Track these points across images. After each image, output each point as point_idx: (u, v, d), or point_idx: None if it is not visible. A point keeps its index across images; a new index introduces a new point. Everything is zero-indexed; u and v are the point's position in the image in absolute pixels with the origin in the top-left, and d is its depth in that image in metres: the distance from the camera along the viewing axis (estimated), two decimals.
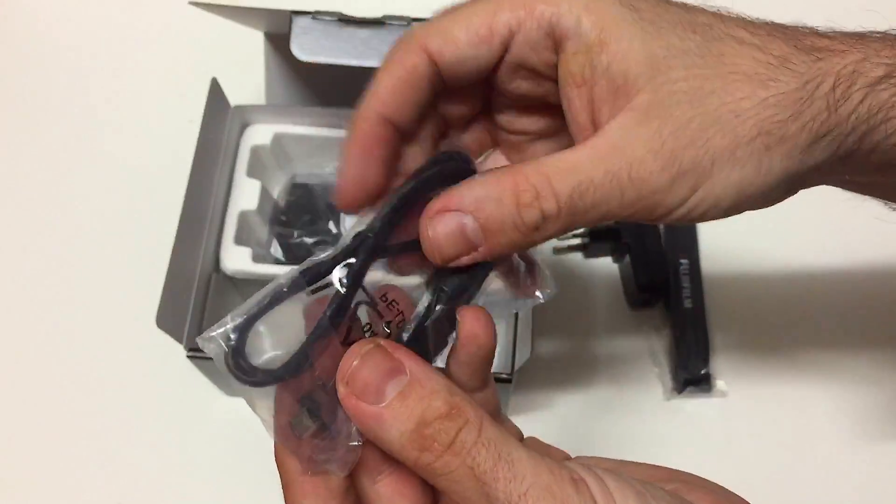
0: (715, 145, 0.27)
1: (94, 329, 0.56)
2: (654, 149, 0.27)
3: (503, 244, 0.27)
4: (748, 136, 0.27)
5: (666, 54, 0.27)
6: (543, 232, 0.27)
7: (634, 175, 0.27)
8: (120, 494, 0.51)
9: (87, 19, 0.68)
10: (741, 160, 0.27)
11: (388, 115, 0.28)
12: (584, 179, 0.26)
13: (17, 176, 0.61)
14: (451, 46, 0.28)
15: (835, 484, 0.51)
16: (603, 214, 0.27)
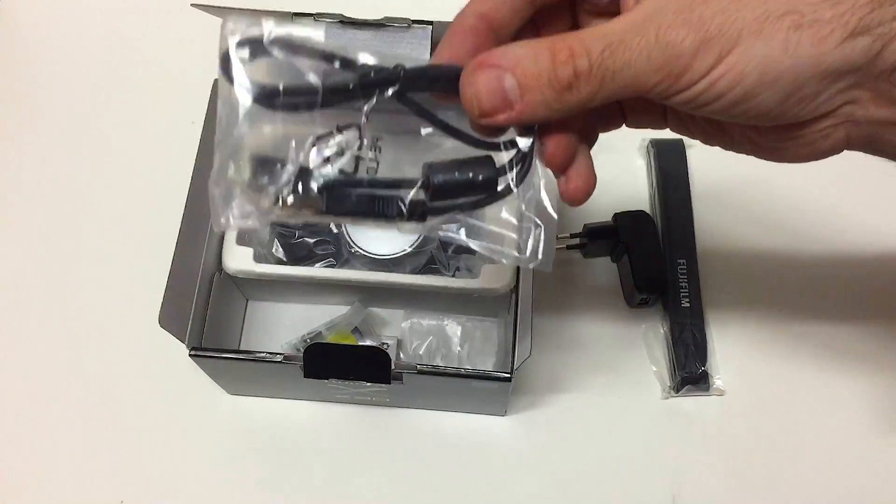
0: (743, 17, 0.27)
1: (96, 329, 0.56)
2: (684, 15, 0.27)
3: (538, 102, 0.28)
4: (778, 11, 0.27)
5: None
6: (577, 93, 0.28)
7: (661, 37, 0.27)
8: (123, 493, 0.52)
9: (88, 21, 0.68)
10: (768, 34, 0.27)
11: (485, 12, 0.31)
12: (615, 40, 0.28)
13: (19, 177, 0.62)
14: None
15: (834, 480, 0.51)
16: (632, 78, 0.28)
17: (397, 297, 0.54)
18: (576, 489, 0.51)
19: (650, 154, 0.60)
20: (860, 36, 0.27)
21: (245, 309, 0.56)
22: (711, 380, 0.53)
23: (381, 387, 0.46)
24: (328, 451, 0.52)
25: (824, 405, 0.53)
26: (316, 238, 0.54)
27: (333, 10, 0.46)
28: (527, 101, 0.29)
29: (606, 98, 0.29)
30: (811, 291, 0.56)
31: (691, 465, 0.52)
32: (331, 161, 0.30)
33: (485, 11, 0.31)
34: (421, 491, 0.51)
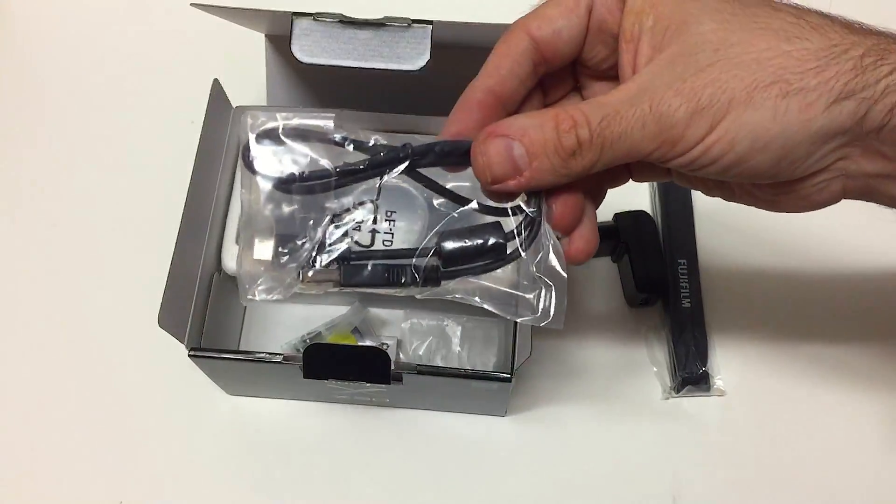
0: (733, 87, 0.28)
1: (96, 329, 0.56)
2: (676, 87, 0.29)
3: (545, 168, 0.31)
4: (766, 81, 0.28)
5: (699, 12, 0.30)
6: (580, 159, 0.30)
7: (655, 108, 0.29)
8: (122, 493, 0.51)
9: (88, 20, 0.68)
10: (757, 103, 0.28)
11: (491, 87, 0.33)
12: (612, 111, 0.30)
13: (18, 176, 0.62)
14: (546, 22, 0.33)
15: (834, 481, 0.51)
16: (630, 146, 0.30)
17: (397, 298, 0.54)
18: (576, 489, 0.51)
19: None
20: (845, 100, 0.28)
21: (244, 309, 0.56)
22: (712, 380, 0.53)
23: (381, 387, 0.46)
24: (328, 451, 0.52)
25: (825, 406, 0.53)
26: None
27: (333, 10, 0.46)
28: (535, 168, 0.31)
29: (608, 163, 0.31)
30: (812, 292, 0.56)
31: (691, 466, 0.52)
32: (347, 236, 0.33)
33: (491, 86, 0.33)
34: (421, 491, 0.51)
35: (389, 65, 0.45)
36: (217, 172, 0.51)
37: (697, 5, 0.30)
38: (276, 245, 0.32)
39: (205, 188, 0.49)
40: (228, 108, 0.52)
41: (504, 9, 0.66)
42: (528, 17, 0.33)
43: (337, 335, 0.53)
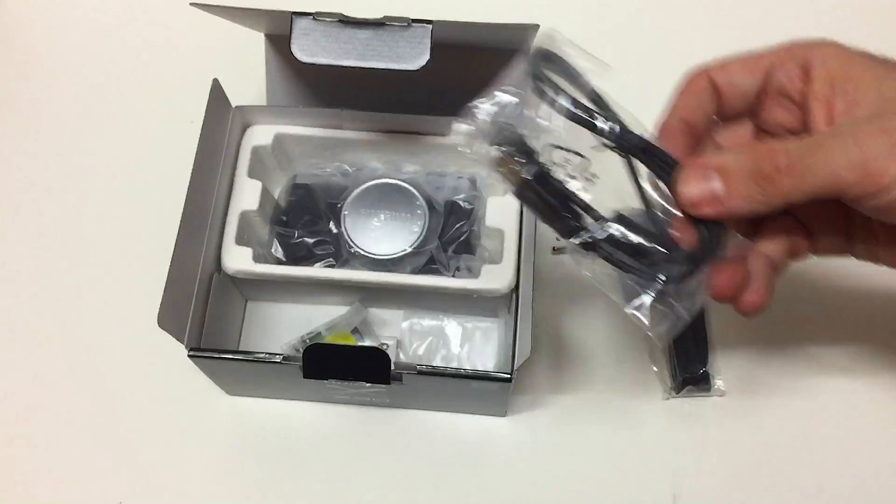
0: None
1: (95, 329, 0.56)
2: (878, 126, 0.32)
3: (742, 195, 0.33)
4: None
5: (885, 77, 0.34)
6: (778, 186, 0.32)
7: (859, 140, 0.32)
8: (121, 493, 0.51)
9: (88, 21, 0.68)
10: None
11: (683, 117, 0.37)
12: (813, 141, 0.33)
13: (18, 177, 0.62)
14: (726, 72, 0.37)
15: (834, 480, 0.51)
16: (829, 174, 0.32)
17: (397, 297, 0.54)
18: (576, 489, 0.51)
19: None
20: None
21: (244, 309, 0.56)
22: (712, 380, 0.53)
23: (381, 387, 0.46)
24: (328, 451, 0.52)
25: (825, 406, 0.53)
26: (315, 238, 0.54)
27: (333, 10, 0.46)
28: (732, 195, 0.33)
29: (805, 194, 0.32)
30: (813, 291, 0.56)
31: (691, 465, 0.52)
32: (558, 165, 0.34)
33: (684, 116, 0.38)
34: (421, 491, 0.51)
35: (389, 64, 0.46)
36: (217, 172, 0.51)
37: (884, 71, 0.34)
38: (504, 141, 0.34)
39: (205, 188, 0.49)
40: (228, 108, 0.52)
41: (504, 9, 0.67)
42: (712, 64, 0.38)
43: (337, 335, 0.53)
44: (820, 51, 0.36)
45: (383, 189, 0.55)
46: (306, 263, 0.53)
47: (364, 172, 0.56)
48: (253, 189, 0.52)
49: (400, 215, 0.54)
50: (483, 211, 0.52)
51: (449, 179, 0.55)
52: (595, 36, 0.67)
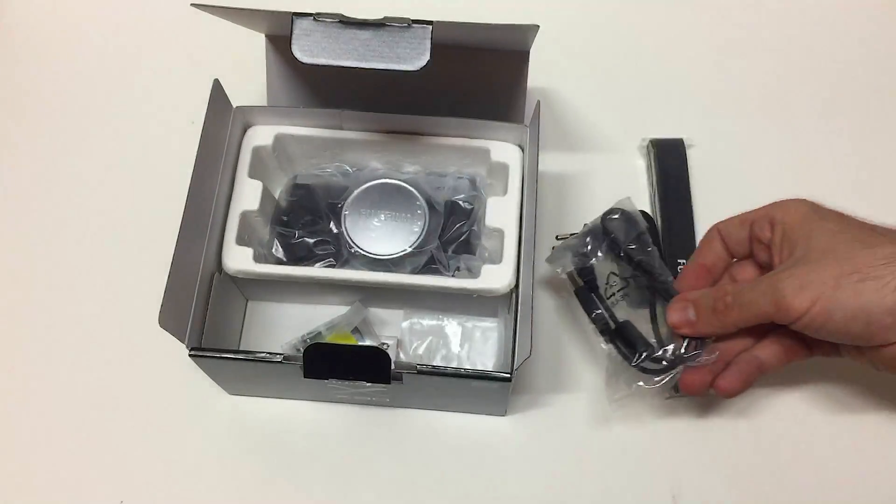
0: (826, 276, 0.41)
1: (96, 329, 0.56)
2: (790, 271, 0.43)
3: (705, 322, 0.46)
4: (848, 271, 0.41)
5: (819, 231, 0.43)
6: (728, 317, 0.45)
7: (775, 284, 0.43)
8: (122, 493, 0.52)
9: (89, 20, 0.68)
10: (843, 287, 0.41)
11: (702, 263, 0.50)
12: (746, 287, 0.45)
13: (19, 177, 0.62)
14: (726, 228, 0.49)
15: (834, 480, 0.51)
16: (758, 309, 0.44)
17: (397, 297, 0.54)
18: (576, 489, 0.51)
19: (650, 154, 0.60)
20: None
21: (245, 309, 0.56)
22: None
23: (381, 387, 0.46)
24: (328, 451, 0.52)
25: (824, 405, 0.53)
26: (316, 238, 0.54)
27: (333, 10, 0.46)
28: (700, 322, 0.46)
29: (749, 322, 0.45)
30: None
31: (691, 466, 0.52)
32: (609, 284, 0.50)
33: (702, 262, 0.50)
34: (421, 490, 0.51)
35: (389, 65, 0.46)
36: (217, 172, 0.51)
37: (820, 226, 0.44)
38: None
39: (205, 188, 0.49)
40: (229, 108, 0.52)
41: (504, 9, 0.67)
42: (721, 223, 0.50)
43: (337, 335, 0.53)
44: (783, 208, 0.46)
45: (383, 189, 0.55)
46: (307, 263, 0.53)
47: (364, 173, 0.56)
48: (254, 189, 0.52)
49: (400, 215, 0.54)
50: (483, 211, 0.52)
51: (449, 179, 0.55)
52: (595, 36, 0.67)
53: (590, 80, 0.65)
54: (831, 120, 0.63)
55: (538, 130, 0.49)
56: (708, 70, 0.65)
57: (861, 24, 0.68)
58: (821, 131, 0.63)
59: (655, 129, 0.61)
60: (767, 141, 0.62)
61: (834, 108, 0.64)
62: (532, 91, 0.56)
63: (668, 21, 0.68)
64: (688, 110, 0.63)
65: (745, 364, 0.46)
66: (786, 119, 0.63)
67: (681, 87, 0.65)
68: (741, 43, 0.67)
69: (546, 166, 0.60)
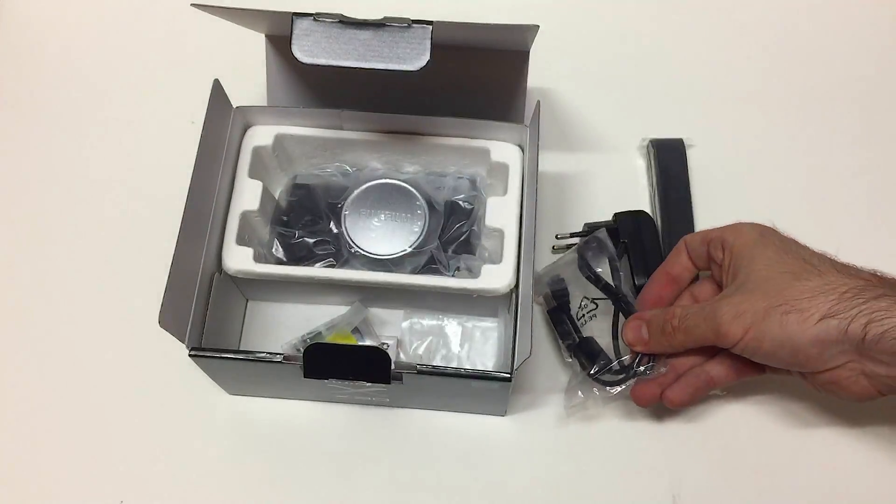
0: (757, 307, 0.44)
1: (96, 329, 0.56)
2: (728, 300, 0.46)
3: (656, 342, 0.49)
4: (776, 303, 0.44)
5: (759, 259, 0.46)
6: (674, 338, 0.48)
7: (714, 311, 0.46)
8: (123, 493, 0.52)
9: (89, 21, 0.68)
10: (770, 317, 0.43)
11: (667, 271, 0.52)
12: (693, 310, 0.48)
13: (19, 176, 0.62)
14: (691, 241, 0.51)
15: (834, 480, 0.51)
16: (700, 334, 0.47)
17: (397, 297, 0.54)
18: (576, 489, 0.51)
19: (650, 154, 0.60)
20: (830, 318, 0.42)
21: (245, 309, 0.56)
22: None
23: (381, 387, 0.46)
24: (328, 451, 0.52)
25: (825, 404, 0.53)
26: (316, 238, 0.54)
27: (333, 11, 0.46)
28: (651, 341, 0.49)
29: (694, 344, 0.48)
30: None
31: (691, 466, 0.52)
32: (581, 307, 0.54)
33: (668, 270, 0.52)
34: (421, 490, 0.51)
35: (389, 65, 0.46)
36: (217, 172, 0.51)
37: (761, 253, 0.46)
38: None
39: (205, 188, 0.49)
40: (229, 108, 0.52)
41: (504, 9, 0.67)
42: (687, 237, 0.52)
43: (337, 335, 0.53)
44: (735, 231, 0.49)
45: (383, 189, 0.55)
46: (307, 263, 0.53)
47: (364, 173, 0.56)
48: (254, 189, 0.52)
49: (400, 215, 0.54)
50: (483, 211, 0.52)
51: (449, 179, 0.55)
52: (595, 36, 0.67)
53: (590, 80, 0.65)
54: (832, 120, 0.63)
55: (538, 130, 0.49)
56: (708, 70, 0.65)
57: (864, 24, 0.68)
58: (821, 131, 0.63)
59: (655, 130, 0.61)
60: (767, 141, 0.62)
61: (835, 108, 0.64)
62: (532, 91, 0.56)
63: (668, 21, 0.68)
64: (688, 110, 0.63)
65: (694, 378, 0.49)
66: (786, 119, 0.63)
67: (681, 87, 0.65)
68: (741, 42, 0.67)
69: (546, 166, 0.60)
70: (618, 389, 0.50)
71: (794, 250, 0.47)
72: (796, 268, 0.45)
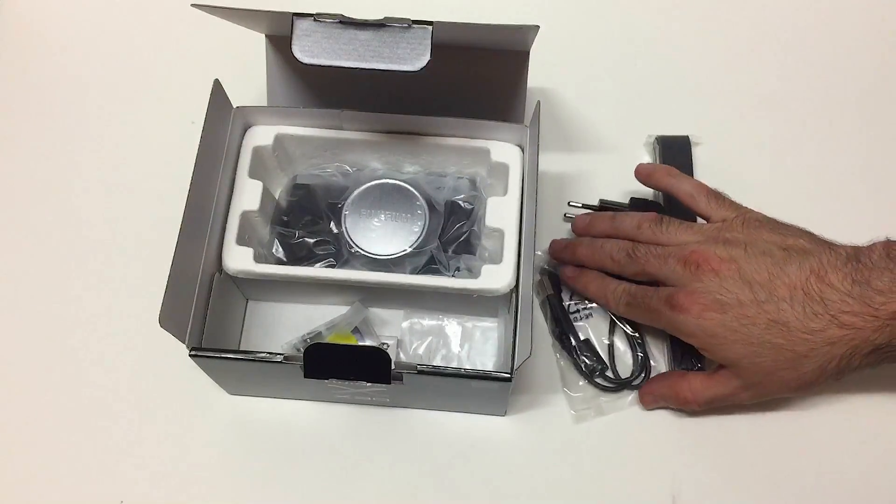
0: (764, 368, 0.47)
1: (97, 328, 0.56)
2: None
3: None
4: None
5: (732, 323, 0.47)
6: (692, 406, 0.51)
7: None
8: (123, 493, 0.52)
9: (89, 21, 0.68)
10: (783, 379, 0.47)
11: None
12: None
13: (20, 177, 0.62)
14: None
15: (834, 478, 0.51)
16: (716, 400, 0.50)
17: (397, 297, 0.54)
18: (576, 489, 0.51)
19: (656, 151, 0.60)
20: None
21: (245, 309, 0.56)
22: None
23: (381, 387, 0.46)
24: (328, 451, 0.53)
25: (825, 403, 0.53)
26: (316, 238, 0.54)
27: (333, 10, 0.46)
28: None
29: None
30: None
31: (691, 466, 0.52)
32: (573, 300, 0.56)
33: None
34: (421, 490, 0.52)
35: (390, 65, 0.46)
36: (218, 172, 0.51)
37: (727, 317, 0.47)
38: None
39: (205, 188, 0.49)
40: (229, 109, 0.52)
41: (504, 9, 0.67)
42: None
43: (337, 335, 0.53)
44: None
45: (384, 189, 0.55)
46: (307, 263, 0.53)
47: (364, 173, 0.56)
48: (254, 189, 0.52)
49: (400, 215, 0.54)
50: (483, 211, 0.52)
51: (449, 180, 0.55)
52: (598, 33, 0.67)
53: (591, 80, 0.65)
54: (840, 118, 0.63)
55: (538, 130, 0.49)
56: (714, 67, 0.65)
57: (871, 23, 0.67)
58: (827, 129, 0.63)
59: (661, 126, 0.61)
60: (774, 138, 0.62)
61: (842, 106, 0.63)
62: (532, 91, 0.56)
63: (672, 17, 0.68)
64: (694, 107, 0.63)
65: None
66: (793, 116, 0.63)
67: (687, 84, 0.64)
68: (748, 39, 0.67)
69: (546, 166, 0.60)
70: (615, 397, 0.52)
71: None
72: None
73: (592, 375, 0.53)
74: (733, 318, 0.46)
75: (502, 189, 0.53)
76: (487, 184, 0.55)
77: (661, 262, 0.49)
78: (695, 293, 0.47)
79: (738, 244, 0.48)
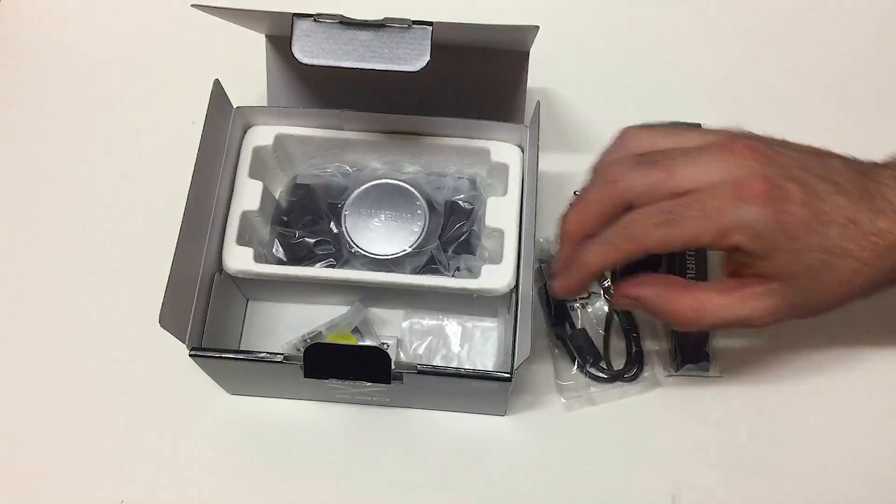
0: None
1: (97, 328, 0.56)
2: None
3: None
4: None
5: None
6: (692, 327, 0.42)
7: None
8: (123, 493, 0.52)
9: (89, 21, 0.68)
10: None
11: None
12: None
13: (19, 177, 0.62)
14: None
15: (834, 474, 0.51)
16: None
17: (397, 297, 0.54)
18: (575, 489, 0.51)
19: None
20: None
21: (245, 309, 0.56)
22: (713, 362, 0.53)
23: (381, 387, 0.47)
24: (328, 451, 0.53)
25: (825, 401, 0.53)
26: (316, 238, 0.54)
27: (333, 11, 0.46)
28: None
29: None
30: None
31: (691, 465, 0.52)
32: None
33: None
34: (421, 491, 0.52)
35: (390, 66, 0.46)
36: (218, 173, 0.51)
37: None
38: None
39: (205, 188, 0.49)
40: (229, 109, 0.52)
41: (504, 9, 0.67)
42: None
43: (337, 335, 0.53)
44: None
45: (384, 189, 0.55)
46: (307, 263, 0.53)
47: (364, 173, 0.56)
48: (254, 189, 0.52)
49: (400, 215, 0.54)
50: (483, 211, 0.53)
51: (449, 180, 0.55)
52: (595, 36, 0.67)
53: (591, 80, 0.65)
54: (841, 116, 0.63)
55: (538, 130, 0.49)
56: (715, 67, 0.65)
57: (875, 18, 0.67)
58: (830, 129, 0.63)
59: None
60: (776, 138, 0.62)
61: (845, 103, 0.63)
62: (532, 91, 0.56)
63: (672, 18, 0.68)
64: (694, 107, 0.63)
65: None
66: (796, 116, 0.63)
67: (687, 84, 0.64)
68: (746, 41, 0.67)
69: (546, 166, 0.60)
70: (608, 387, 0.51)
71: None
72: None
73: (585, 364, 0.53)
74: (813, 217, 0.38)
75: (502, 189, 0.53)
76: (487, 184, 0.55)
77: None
78: (773, 178, 0.38)
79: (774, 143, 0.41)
